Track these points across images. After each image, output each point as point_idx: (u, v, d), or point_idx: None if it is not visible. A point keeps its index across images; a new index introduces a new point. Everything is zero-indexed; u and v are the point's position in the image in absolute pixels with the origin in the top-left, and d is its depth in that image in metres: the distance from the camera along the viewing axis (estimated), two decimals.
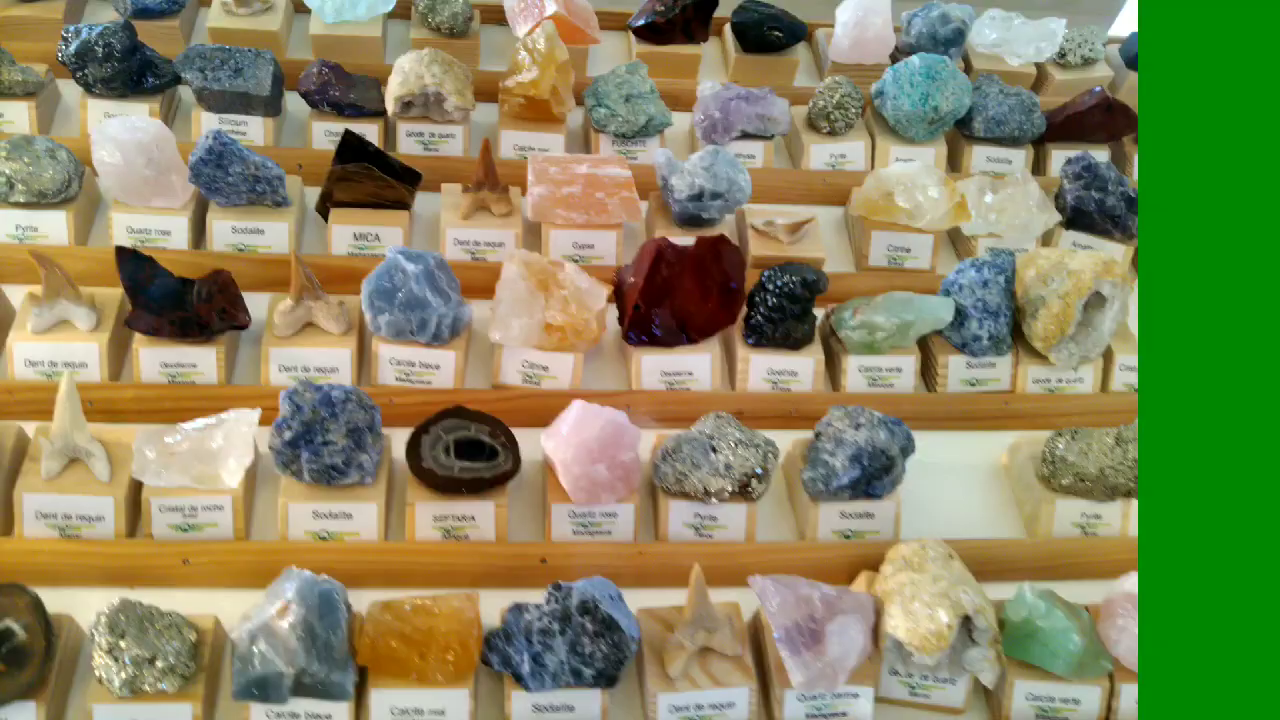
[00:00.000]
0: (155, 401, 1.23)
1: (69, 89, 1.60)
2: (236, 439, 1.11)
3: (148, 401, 1.23)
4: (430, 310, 1.24)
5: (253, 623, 0.95)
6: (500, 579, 1.14)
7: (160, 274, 1.24)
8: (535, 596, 1.09)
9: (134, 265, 1.23)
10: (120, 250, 1.22)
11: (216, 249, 1.40)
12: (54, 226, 1.37)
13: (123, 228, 1.38)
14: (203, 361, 1.25)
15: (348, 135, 1.39)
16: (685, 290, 1.27)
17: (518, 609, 1.02)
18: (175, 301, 1.24)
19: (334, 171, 1.39)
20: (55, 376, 1.24)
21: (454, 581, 1.14)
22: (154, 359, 1.25)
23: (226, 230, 1.39)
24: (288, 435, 1.10)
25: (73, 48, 1.45)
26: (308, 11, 1.77)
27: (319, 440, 1.10)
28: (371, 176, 1.39)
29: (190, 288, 1.25)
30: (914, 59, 1.61)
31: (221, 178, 1.35)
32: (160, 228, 1.39)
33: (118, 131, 1.32)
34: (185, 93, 1.62)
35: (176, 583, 1.11)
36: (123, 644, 0.93)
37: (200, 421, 1.13)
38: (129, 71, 1.48)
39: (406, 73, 1.51)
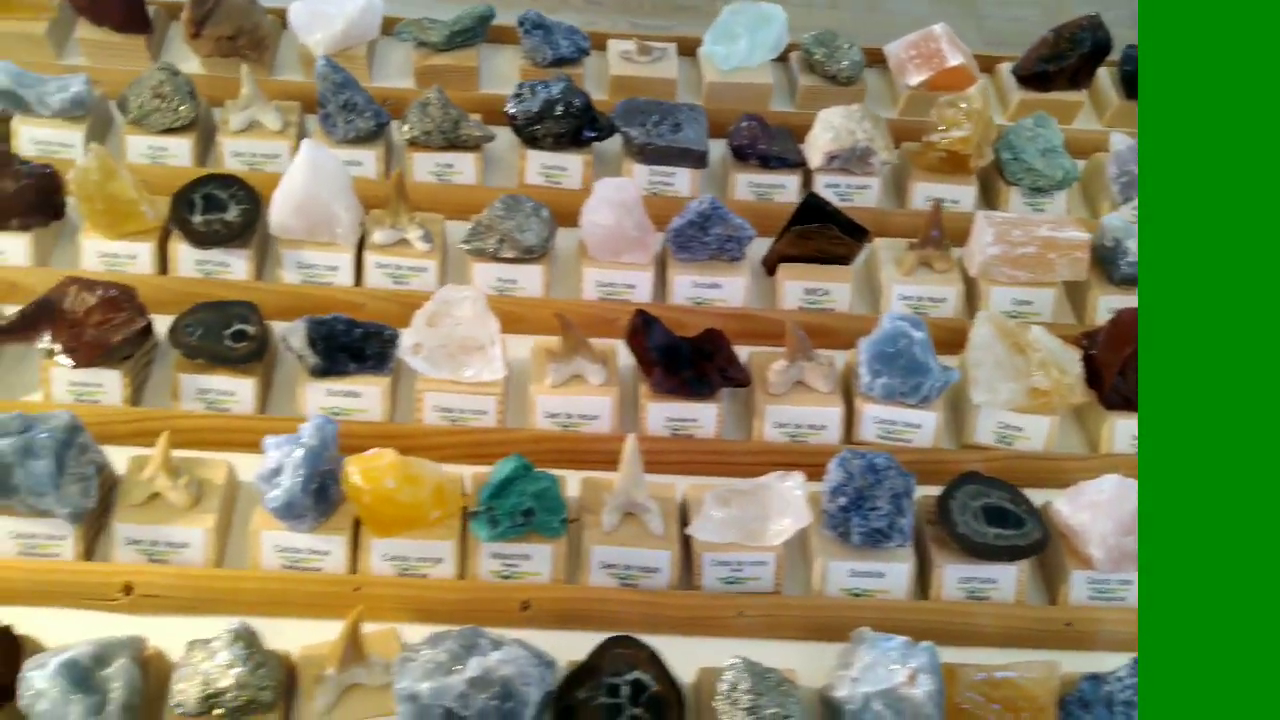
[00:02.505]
0: (661, 455, 1.31)
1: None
2: (791, 501, 1.18)
3: (655, 455, 1.30)
4: (928, 375, 1.30)
5: (866, 685, 1.02)
6: (1021, 640, 1.20)
7: (669, 336, 1.32)
8: (1057, 660, 1.15)
9: (650, 329, 1.30)
10: (640, 314, 1.30)
11: (674, 302, 1.48)
12: (529, 279, 1.46)
13: (592, 282, 1.46)
14: (703, 416, 1.33)
15: (812, 198, 1.45)
16: None
17: (1095, 679, 1.07)
18: (683, 361, 1.31)
19: (794, 230, 1.45)
20: (570, 428, 1.33)
21: (977, 641, 1.19)
22: (660, 413, 1.33)
23: (687, 285, 1.47)
24: (841, 501, 1.17)
25: (533, 105, 1.53)
26: (687, 55, 1.84)
27: (868, 506, 1.17)
28: (827, 235, 1.45)
29: (688, 346, 1.33)
30: None
31: (699, 238, 1.42)
32: (626, 282, 1.46)
33: (610, 194, 1.40)
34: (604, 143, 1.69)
35: (728, 633, 1.19)
36: (761, 701, 1.01)
37: (749, 482, 1.21)
38: (577, 127, 1.56)
39: (838, 128, 1.56)
